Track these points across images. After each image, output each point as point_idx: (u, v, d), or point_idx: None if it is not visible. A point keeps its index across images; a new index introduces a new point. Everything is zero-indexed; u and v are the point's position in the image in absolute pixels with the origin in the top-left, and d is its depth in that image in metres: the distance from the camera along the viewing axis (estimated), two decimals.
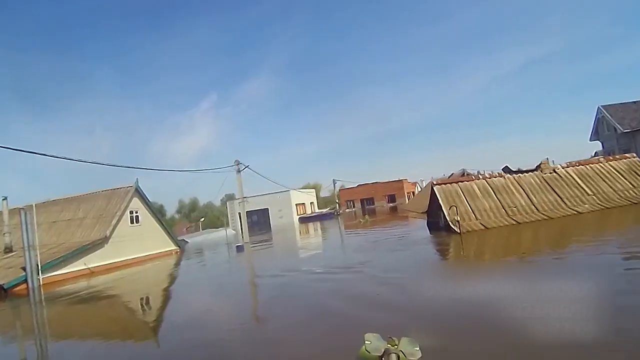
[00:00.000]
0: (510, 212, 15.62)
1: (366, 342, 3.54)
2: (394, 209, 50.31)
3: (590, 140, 40.90)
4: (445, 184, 16.89)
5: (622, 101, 35.53)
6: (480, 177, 17.26)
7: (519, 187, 16.73)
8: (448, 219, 15.13)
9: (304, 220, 49.33)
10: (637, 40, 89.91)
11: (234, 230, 44.48)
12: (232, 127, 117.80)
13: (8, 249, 19.88)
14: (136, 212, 22.90)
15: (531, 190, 16.60)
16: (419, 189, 74.10)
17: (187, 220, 78.79)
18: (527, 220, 14.99)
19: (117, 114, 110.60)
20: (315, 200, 66.52)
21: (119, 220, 21.29)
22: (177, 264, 20.50)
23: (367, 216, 33.53)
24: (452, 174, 35.56)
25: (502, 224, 14.77)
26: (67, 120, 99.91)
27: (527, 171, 18.14)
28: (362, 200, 72.10)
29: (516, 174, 17.66)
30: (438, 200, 16.14)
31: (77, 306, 12.05)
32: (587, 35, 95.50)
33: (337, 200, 60.10)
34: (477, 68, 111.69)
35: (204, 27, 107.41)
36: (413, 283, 7.98)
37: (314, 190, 68.65)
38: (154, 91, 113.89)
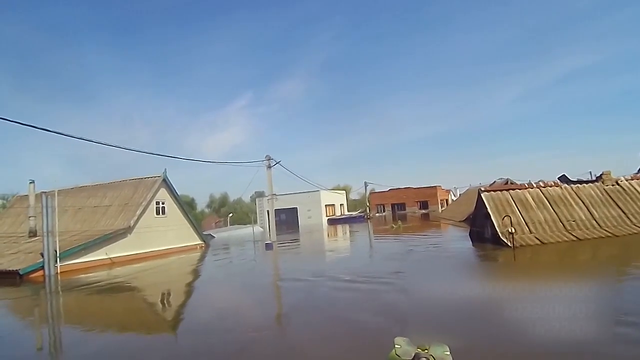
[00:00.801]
0: (568, 227, 13.93)
1: (396, 346, 3.46)
2: (426, 216, 48.35)
3: None
4: (494, 191, 15.30)
5: None
6: (534, 185, 15.56)
7: (578, 199, 15.00)
8: (498, 230, 13.58)
9: (333, 221, 48.01)
10: None
11: (261, 227, 43.69)
12: (265, 125, 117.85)
13: (32, 234, 19.44)
14: (162, 203, 22.19)
15: (591, 204, 14.86)
16: (453, 197, 71.85)
17: (216, 215, 78.99)
18: (588, 237, 13.31)
19: (154, 108, 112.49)
20: (345, 202, 65.13)
21: (144, 210, 20.60)
22: (201, 259, 19.61)
23: (399, 221, 31.94)
24: (494, 182, 33.61)
25: (559, 240, 13.13)
26: (105, 112, 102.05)
27: (586, 182, 16.37)
28: (392, 205, 70.20)
29: (574, 184, 15.91)
30: (486, 208, 14.58)
31: (92, 297, 11.34)
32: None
33: (367, 204, 58.45)
34: (519, 77, 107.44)
35: (240, 24, 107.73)
36: (457, 313, 6.58)
37: (344, 191, 67.26)
38: (191, 86, 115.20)
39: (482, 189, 15.48)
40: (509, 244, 12.66)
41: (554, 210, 14.47)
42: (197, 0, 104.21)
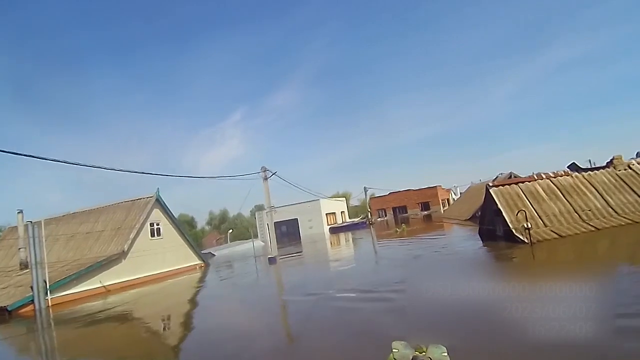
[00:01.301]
0: (584, 217, 13.14)
1: (394, 350, 3.51)
2: (428, 217, 47.50)
3: None
4: (503, 185, 14.50)
5: None
6: (544, 176, 14.79)
7: (591, 187, 14.22)
8: (511, 226, 12.76)
9: (335, 230, 47.10)
10: None
11: (262, 241, 42.78)
12: (262, 137, 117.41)
13: (23, 266, 18.56)
14: (157, 225, 21.36)
15: (605, 191, 14.07)
16: (454, 196, 71.10)
17: (217, 232, 78.19)
18: (607, 226, 12.52)
19: (151, 128, 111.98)
20: (346, 210, 64.27)
21: (138, 233, 19.76)
22: (201, 280, 18.75)
23: (403, 225, 31.06)
24: (497, 177, 32.86)
25: (577, 231, 12.32)
26: (100, 135, 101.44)
27: (596, 168, 15.59)
28: (394, 209, 69.24)
29: (585, 172, 15.14)
30: (496, 204, 13.78)
31: (85, 330, 10.53)
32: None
33: (368, 209, 57.59)
34: (513, 70, 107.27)
35: (234, 40, 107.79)
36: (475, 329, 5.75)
37: (344, 198, 66.41)
38: (185, 104, 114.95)
39: (490, 184, 14.68)
40: (525, 240, 11.85)
41: (568, 201, 13.68)
42: (188, 15, 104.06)
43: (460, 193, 71.23)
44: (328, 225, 51.90)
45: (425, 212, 62.18)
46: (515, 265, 10.23)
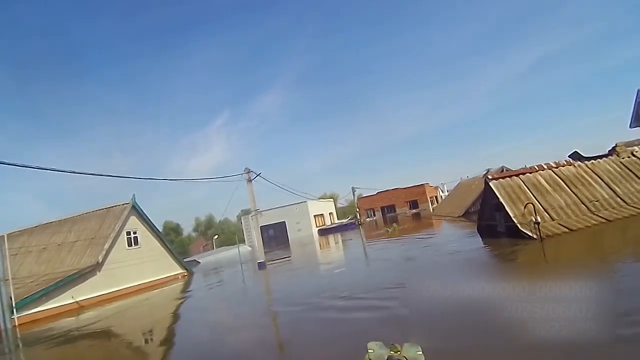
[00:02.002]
0: (592, 208, 12.24)
1: (369, 350, 3.45)
2: (417, 216, 46.68)
3: (631, 127, 37.15)
4: (503, 177, 13.54)
5: None
6: (545, 167, 13.89)
7: (596, 177, 13.37)
8: (515, 221, 11.80)
9: (324, 232, 46.02)
10: None
11: (250, 246, 41.46)
12: (245, 142, 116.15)
13: None
14: (134, 233, 19.99)
15: (611, 180, 13.23)
16: (441, 193, 70.58)
17: (203, 238, 76.65)
18: (619, 217, 11.66)
19: (132, 136, 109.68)
20: (335, 211, 63.22)
21: (113, 243, 18.39)
22: (184, 290, 17.48)
23: (394, 224, 30.05)
24: (487, 170, 32.11)
25: (588, 224, 11.42)
26: (82, 144, 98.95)
27: (599, 157, 14.75)
28: (382, 208, 68.42)
29: (587, 161, 14.30)
30: (497, 198, 12.81)
31: (58, 350, 9.63)
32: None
33: (357, 209, 56.60)
34: (488, 70, 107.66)
35: (214, 47, 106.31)
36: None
37: (332, 199, 65.34)
38: (167, 112, 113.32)
39: (490, 176, 13.71)
40: (533, 235, 10.90)
41: (573, 192, 12.78)
42: (168, 20, 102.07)
43: (448, 190, 70.97)
44: (316, 227, 50.78)
45: (414, 211, 61.49)
46: (526, 267, 9.22)
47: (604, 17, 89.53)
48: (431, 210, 50.62)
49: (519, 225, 11.63)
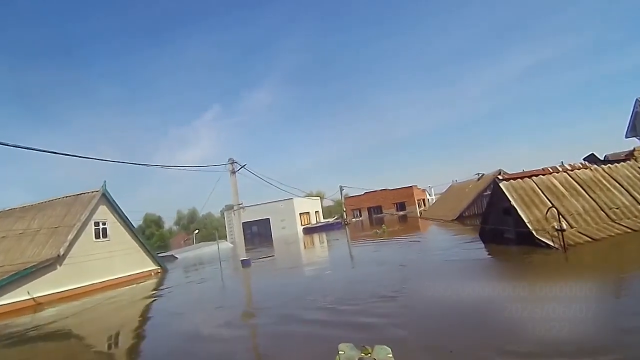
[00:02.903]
0: (613, 216, 11.01)
1: (340, 352, 3.42)
2: (404, 218, 45.46)
3: (627, 137, 36.45)
4: (514, 178, 12.24)
5: None
6: (560, 169, 12.64)
7: (614, 182, 12.18)
8: (530, 227, 10.50)
9: (309, 230, 44.54)
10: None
11: (231, 243, 39.78)
12: (233, 138, 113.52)
13: None
14: (103, 224, 18.23)
15: (632, 186, 12.05)
16: (429, 196, 69.65)
17: (185, 232, 74.60)
18: None
19: (122, 130, 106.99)
20: (321, 209, 61.76)
21: (78, 234, 16.64)
22: (156, 288, 15.89)
23: (384, 226, 28.68)
24: (482, 175, 31.01)
25: (611, 233, 10.18)
26: (72, 136, 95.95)
27: (615, 161, 13.56)
28: (369, 209, 67.15)
29: (604, 165, 13.09)
30: (508, 201, 11.50)
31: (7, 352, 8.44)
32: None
33: (343, 209, 55.23)
34: (484, 73, 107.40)
35: (207, 43, 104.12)
36: None
37: (318, 198, 63.85)
38: (159, 106, 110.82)
39: (500, 177, 12.38)
40: (552, 245, 9.60)
41: (591, 197, 11.54)
42: (161, 13, 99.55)
43: (435, 194, 70.11)
44: (302, 225, 49.28)
45: (401, 213, 60.34)
46: (557, 280, 7.87)
47: (597, 26, 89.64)
48: (418, 213, 49.51)
49: (534, 232, 10.33)
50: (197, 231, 48.25)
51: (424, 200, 69.15)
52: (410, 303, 7.17)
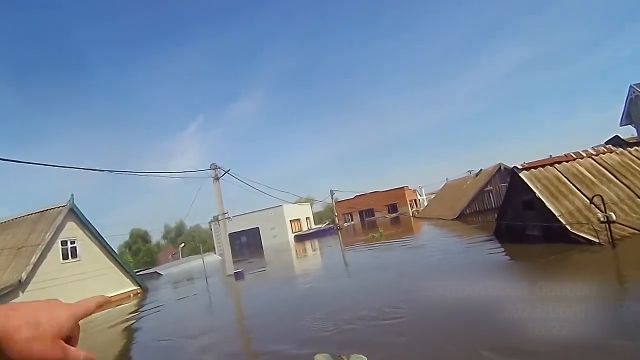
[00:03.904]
0: None
1: None
2: (397, 219, 43.98)
3: (621, 125, 35.63)
4: (534, 167, 10.76)
5: None
6: (584, 154, 11.21)
7: None
8: (563, 220, 9.02)
9: (301, 238, 42.81)
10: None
11: (220, 255, 37.86)
12: (220, 148, 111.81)
13: None
14: (72, 242, 16.33)
15: None
16: (420, 197, 68.39)
17: (173, 245, 72.37)
18: None
19: (106, 142, 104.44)
20: (312, 215, 60.03)
21: (43, 255, 14.77)
22: (134, 314, 14.09)
23: (380, 229, 27.09)
24: (480, 170, 29.69)
25: None
26: (56, 151, 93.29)
27: (637, 143, 12.20)
28: (360, 213, 65.67)
29: (631, 147, 11.71)
30: (532, 192, 10.03)
31: None
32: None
33: (335, 214, 53.59)
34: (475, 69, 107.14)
35: (194, 52, 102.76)
36: None
37: (308, 203, 62.10)
38: (142, 118, 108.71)
39: (520, 166, 10.87)
40: (594, 240, 8.13)
41: (624, 184, 10.12)
42: (144, 23, 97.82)
43: (426, 193, 68.93)
44: (293, 233, 47.50)
45: (394, 214, 58.93)
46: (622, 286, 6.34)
47: (586, 21, 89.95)
48: (411, 214, 48.13)
49: (568, 226, 8.85)
50: (183, 245, 46.10)
51: (415, 200, 67.86)
52: (420, 323, 5.62)
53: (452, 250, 12.86)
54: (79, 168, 12.15)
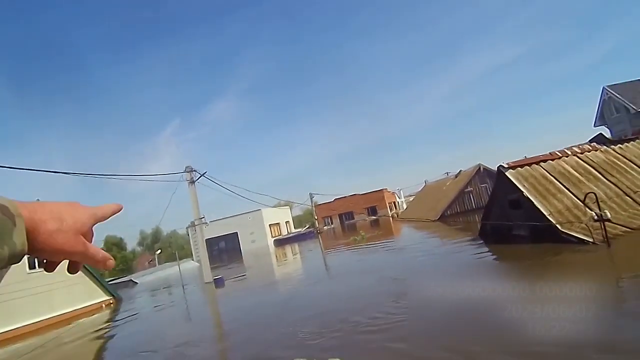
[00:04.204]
0: None
1: None
2: (376, 222, 43.72)
3: (595, 125, 36.37)
4: (520, 166, 10.53)
5: (628, 80, 31.82)
6: (569, 152, 11.05)
7: (631, 163, 10.70)
8: (552, 220, 8.77)
9: (281, 242, 42.21)
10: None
11: (197, 262, 36.91)
12: (194, 151, 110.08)
13: None
14: None
15: None
16: (399, 199, 68.56)
17: (149, 252, 70.75)
18: None
19: (78, 147, 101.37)
20: (291, 219, 59.41)
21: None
22: (107, 322, 13.34)
23: (362, 232, 26.70)
24: (460, 171, 29.70)
25: None
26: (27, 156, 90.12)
27: (624, 141, 12.14)
28: (340, 216, 65.44)
29: (614, 145, 11.63)
30: (518, 191, 9.78)
31: None
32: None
33: (315, 217, 53.11)
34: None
35: (167, 56, 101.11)
36: None
37: (288, 207, 61.45)
38: (117, 123, 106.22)
39: (505, 165, 10.62)
40: (587, 239, 7.89)
41: (611, 182, 9.98)
42: (122, 27, 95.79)
43: (404, 196, 69.19)
44: (272, 237, 46.83)
45: (373, 217, 58.83)
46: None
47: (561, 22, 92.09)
48: (391, 216, 48.04)
49: (558, 225, 8.60)
50: (159, 251, 44.89)
51: (394, 202, 68.00)
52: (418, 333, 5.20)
53: (438, 252, 12.54)
54: (46, 171, 11.23)
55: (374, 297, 8.04)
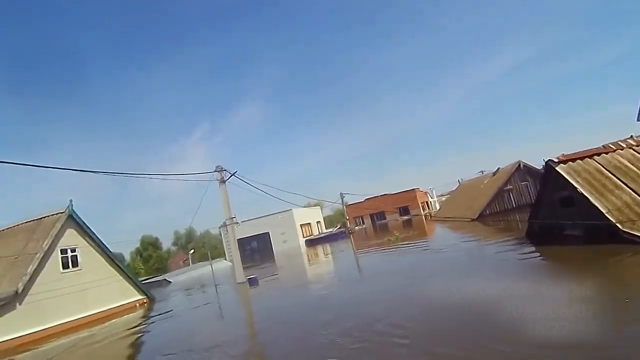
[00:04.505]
0: None
1: None
2: (409, 222, 42.62)
3: (638, 119, 34.20)
4: (572, 160, 9.69)
5: None
6: (623, 145, 10.12)
7: None
8: (612, 218, 7.97)
9: (312, 242, 41.82)
10: None
11: (230, 261, 36.98)
12: (224, 153, 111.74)
13: None
14: (72, 251, 15.50)
15: None
16: (431, 198, 67.14)
17: (184, 252, 72.06)
18: None
19: (107, 149, 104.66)
20: (322, 219, 58.97)
21: (41, 265, 13.98)
22: (140, 324, 13.22)
23: (396, 232, 25.94)
24: (498, 168, 28.54)
25: None
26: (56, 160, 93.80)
27: None
28: (371, 216, 64.65)
29: None
30: (572, 188, 8.98)
31: None
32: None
33: (346, 217, 52.50)
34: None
35: (197, 58, 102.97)
36: None
37: (318, 207, 61.03)
38: (145, 128, 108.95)
39: (555, 159, 9.79)
40: None
41: None
42: (143, 31, 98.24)
43: (437, 195, 67.75)
44: (303, 237, 46.51)
45: (405, 217, 57.71)
46: None
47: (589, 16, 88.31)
48: (424, 216, 46.95)
49: (619, 225, 7.79)
50: (192, 251, 45.38)
51: (427, 202, 66.66)
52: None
53: (477, 256, 11.78)
54: (79, 170, 11.18)
55: (415, 303, 7.47)
